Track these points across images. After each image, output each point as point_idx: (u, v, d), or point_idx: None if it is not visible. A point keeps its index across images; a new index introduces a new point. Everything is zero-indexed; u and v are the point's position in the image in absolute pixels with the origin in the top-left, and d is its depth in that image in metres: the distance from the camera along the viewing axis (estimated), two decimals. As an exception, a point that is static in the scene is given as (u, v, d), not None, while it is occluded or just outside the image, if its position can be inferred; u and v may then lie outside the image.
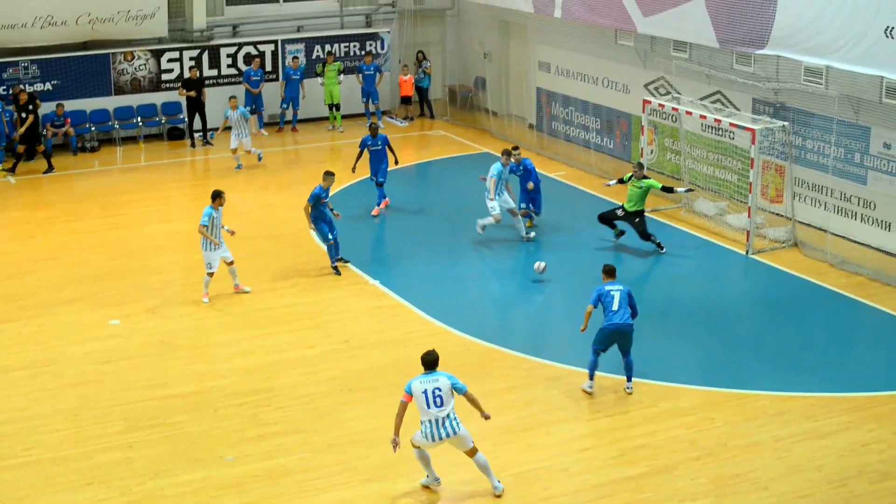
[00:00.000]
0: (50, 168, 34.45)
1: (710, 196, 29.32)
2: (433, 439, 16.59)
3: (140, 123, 37.72)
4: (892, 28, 24.18)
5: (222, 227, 24.49)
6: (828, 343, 22.42)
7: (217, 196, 24.33)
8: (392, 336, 22.44)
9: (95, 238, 28.47)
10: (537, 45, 37.58)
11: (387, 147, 30.10)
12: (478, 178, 28.63)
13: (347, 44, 40.30)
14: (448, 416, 16.52)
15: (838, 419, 18.96)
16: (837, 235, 26.85)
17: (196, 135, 37.34)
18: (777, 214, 28.29)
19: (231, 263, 24.55)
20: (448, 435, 16.56)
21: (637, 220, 27.12)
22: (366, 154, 30.14)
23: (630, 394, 19.95)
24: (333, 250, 25.81)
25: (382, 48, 40.72)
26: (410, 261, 26.67)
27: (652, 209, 29.39)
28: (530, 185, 28.09)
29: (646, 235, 27.04)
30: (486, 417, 16.88)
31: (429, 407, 16.48)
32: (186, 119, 37.42)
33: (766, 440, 18.32)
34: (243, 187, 32.12)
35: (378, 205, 30.06)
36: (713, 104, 29.81)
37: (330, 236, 25.66)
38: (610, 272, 20.38)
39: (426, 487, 17.22)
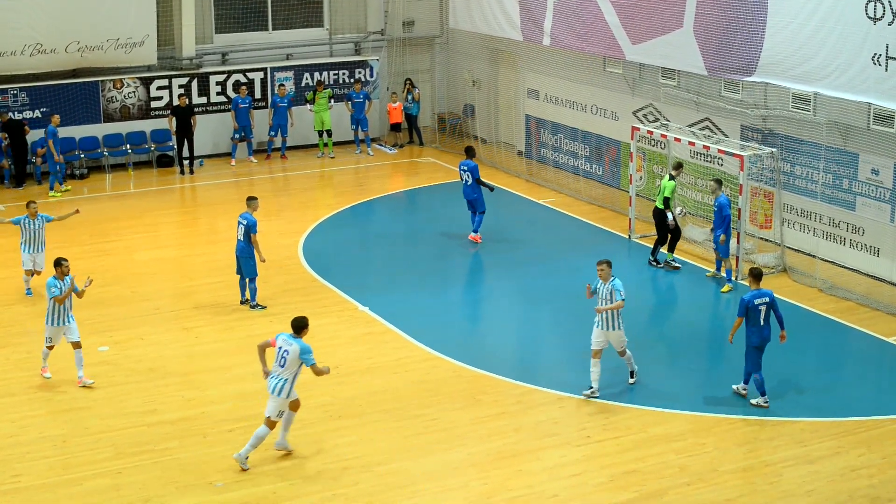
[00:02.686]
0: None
1: (700, 222, 29.36)
2: (270, 389, 18.17)
3: (129, 151, 37.72)
4: (880, 55, 24.30)
5: (78, 289, 21.78)
6: (817, 368, 22.43)
7: (58, 265, 21.63)
8: (381, 362, 22.40)
9: (84, 265, 28.36)
10: (526, 73, 37.67)
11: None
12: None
13: (337, 71, 40.36)
14: (286, 379, 18.06)
15: (828, 444, 18.97)
16: (826, 261, 26.92)
17: (185, 162, 37.32)
18: (766, 240, 28.35)
19: (78, 345, 21.67)
20: (277, 393, 18.07)
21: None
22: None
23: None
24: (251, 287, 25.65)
25: (371, 76, 40.79)
26: (400, 287, 26.64)
27: (641, 235, 29.46)
28: (722, 237, 26.21)
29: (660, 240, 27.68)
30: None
31: (276, 362, 18.15)
32: (175, 146, 37.42)
33: (756, 465, 18.32)
34: (233, 215, 32.04)
35: (474, 231, 29.88)
36: (702, 131, 29.88)
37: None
38: (757, 276, 20.60)
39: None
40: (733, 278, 26.45)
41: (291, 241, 29.79)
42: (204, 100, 38.67)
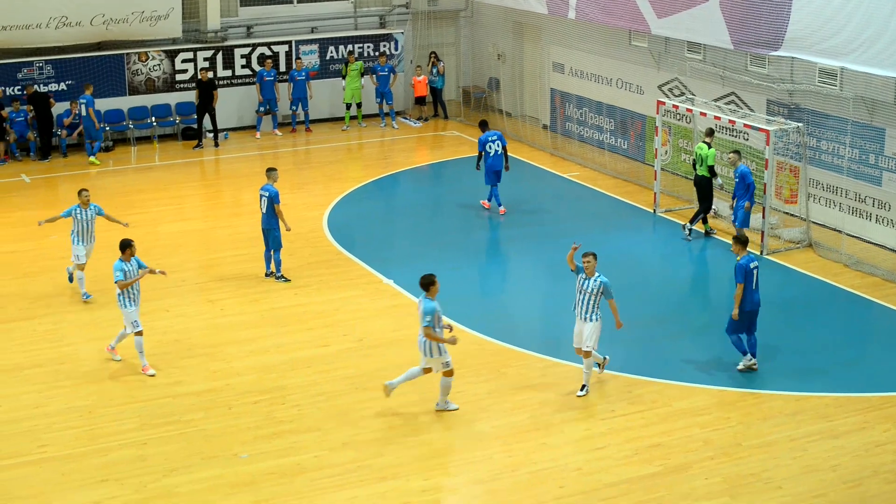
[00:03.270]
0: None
1: (725, 196, 29.25)
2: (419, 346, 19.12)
3: (154, 123, 37.80)
4: (908, 29, 24.19)
5: (154, 271, 21.71)
6: (842, 343, 22.35)
7: (127, 246, 21.11)
8: (406, 335, 22.38)
9: (110, 237, 28.40)
10: (551, 46, 37.57)
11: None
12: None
13: (361, 45, 40.31)
14: (422, 337, 18.92)
15: (853, 419, 18.91)
16: (852, 236, 26.83)
17: (209, 134, 37.34)
18: (791, 215, 28.25)
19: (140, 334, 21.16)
20: (422, 351, 19.02)
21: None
22: None
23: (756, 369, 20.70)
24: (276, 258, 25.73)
25: (396, 49, 40.73)
26: (424, 260, 26.58)
27: (666, 209, 29.39)
28: (747, 205, 26.38)
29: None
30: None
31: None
32: (196, 119, 37.44)
33: (780, 440, 18.28)
34: (257, 187, 32.07)
35: (500, 205, 30.08)
36: (727, 105, 29.77)
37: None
38: (745, 242, 20.75)
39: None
40: (757, 252, 26.42)
41: (316, 214, 29.83)
42: (229, 73, 38.69)
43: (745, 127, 27.53)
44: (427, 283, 18.86)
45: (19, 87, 36.08)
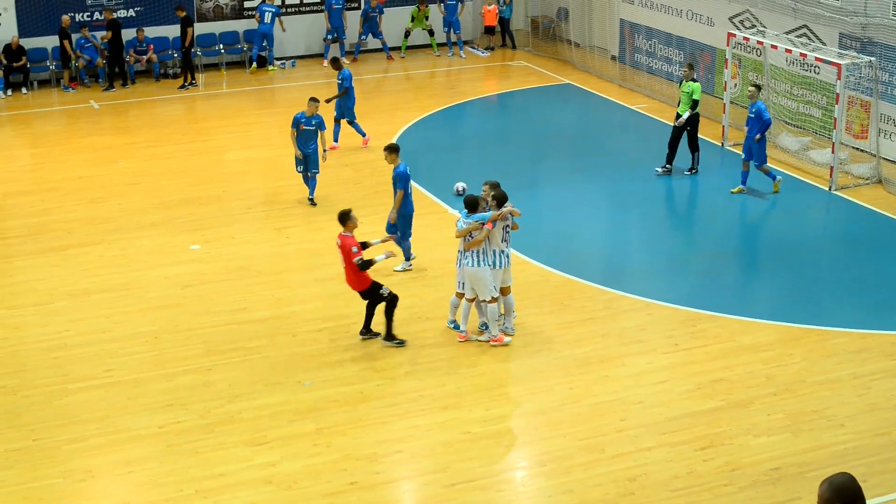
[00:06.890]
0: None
1: (794, 131, 28.95)
2: (499, 266, 18.91)
3: (222, 50, 37.85)
4: None
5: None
6: (910, 281, 22.17)
7: (476, 205, 19.16)
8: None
9: (177, 164, 28.70)
10: (621, -24, 37.23)
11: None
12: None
13: (430, -27, 40.16)
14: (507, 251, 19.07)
15: (918, 358, 18.77)
16: (923, 173, 26.54)
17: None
18: (861, 150, 27.93)
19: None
20: (506, 265, 19.00)
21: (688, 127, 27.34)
22: None
23: None
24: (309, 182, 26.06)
25: (465, -23, 40.52)
26: (489, 191, 26.55)
27: (734, 143, 29.08)
28: (757, 137, 25.79)
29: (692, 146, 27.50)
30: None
31: (503, 241, 18.93)
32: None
33: (844, 377, 18.14)
34: (323, 116, 32.14)
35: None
36: (799, 38, 29.39)
37: (301, 169, 25.91)
38: (397, 150, 22.44)
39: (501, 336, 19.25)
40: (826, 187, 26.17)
41: (383, 143, 29.69)
42: (297, 0, 38.63)
43: (817, 60, 27.18)
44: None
45: (88, 14, 36.22)
